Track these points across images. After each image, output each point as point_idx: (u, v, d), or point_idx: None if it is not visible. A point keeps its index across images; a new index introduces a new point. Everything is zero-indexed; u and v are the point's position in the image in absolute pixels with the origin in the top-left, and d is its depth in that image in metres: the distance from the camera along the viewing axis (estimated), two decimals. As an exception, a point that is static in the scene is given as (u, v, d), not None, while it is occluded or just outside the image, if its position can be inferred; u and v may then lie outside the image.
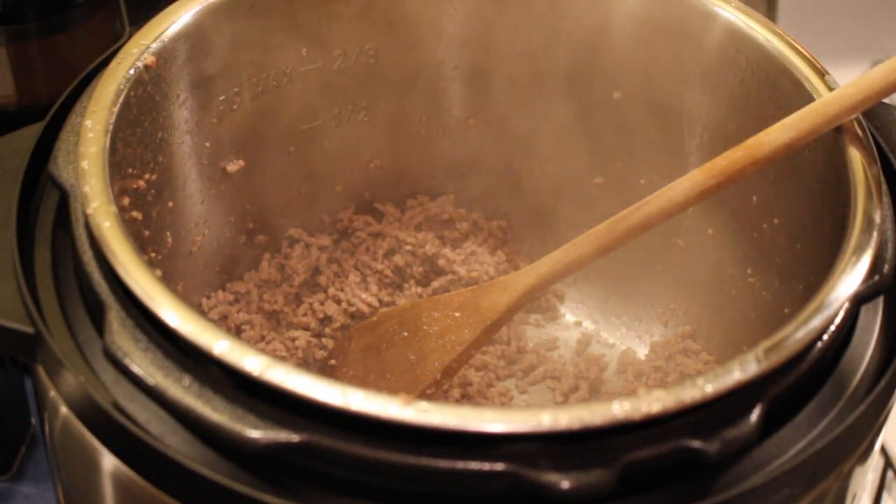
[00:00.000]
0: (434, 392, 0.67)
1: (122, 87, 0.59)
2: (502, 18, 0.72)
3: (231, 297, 0.73)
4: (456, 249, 0.78)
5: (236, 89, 0.68)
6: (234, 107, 0.68)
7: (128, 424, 0.48)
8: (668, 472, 0.47)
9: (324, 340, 0.73)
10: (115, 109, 0.58)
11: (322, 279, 0.76)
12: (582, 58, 0.71)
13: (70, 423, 0.51)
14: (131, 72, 0.60)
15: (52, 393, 0.52)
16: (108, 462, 0.50)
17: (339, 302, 0.75)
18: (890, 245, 0.55)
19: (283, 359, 0.66)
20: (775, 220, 0.65)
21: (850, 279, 0.52)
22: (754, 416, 0.47)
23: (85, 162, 0.54)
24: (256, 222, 0.74)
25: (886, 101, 0.60)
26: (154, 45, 0.61)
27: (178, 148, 0.65)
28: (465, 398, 0.72)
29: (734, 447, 0.47)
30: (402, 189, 0.79)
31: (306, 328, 0.73)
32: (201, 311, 0.71)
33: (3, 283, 0.53)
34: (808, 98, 0.60)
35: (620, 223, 0.62)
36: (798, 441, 0.50)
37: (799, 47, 0.63)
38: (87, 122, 0.56)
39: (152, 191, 0.63)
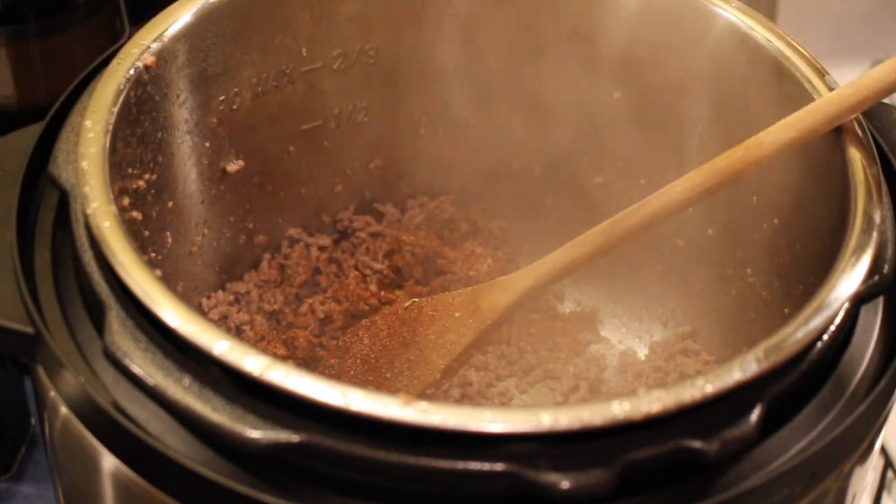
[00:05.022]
0: (434, 392, 0.67)
1: (122, 87, 0.59)
2: (502, 19, 0.72)
3: (231, 297, 0.73)
4: (456, 249, 0.78)
5: (236, 89, 0.68)
6: (234, 107, 0.68)
7: (128, 424, 0.48)
8: (667, 472, 0.47)
9: (324, 340, 0.73)
10: (115, 109, 0.58)
11: (322, 279, 0.76)
12: (582, 58, 0.71)
13: (70, 423, 0.51)
14: (131, 72, 0.60)
15: (52, 393, 0.52)
16: (108, 462, 0.50)
17: (339, 302, 0.75)
18: (890, 245, 0.55)
19: (283, 359, 0.66)
20: (775, 220, 0.65)
21: (850, 279, 0.52)
22: (754, 416, 0.47)
23: (85, 162, 0.54)
24: (256, 222, 0.74)
25: (886, 101, 0.60)
26: (154, 45, 0.61)
27: (178, 148, 0.65)
28: (465, 398, 0.72)
29: (734, 447, 0.47)
30: (402, 189, 0.79)
31: (306, 328, 0.73)
32: (201, 311, 0.71)
33: (3, 283, 0.53)
34: (808, 98, 0.60)
35: (620, 223, 0.62)
36: (798, 441, 0.50)
37: (799, 47, 0.63)
38: (87, 123, 0.56)
39: (152, 191, 0.63)
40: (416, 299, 0.71)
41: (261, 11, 0.67)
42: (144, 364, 0.48)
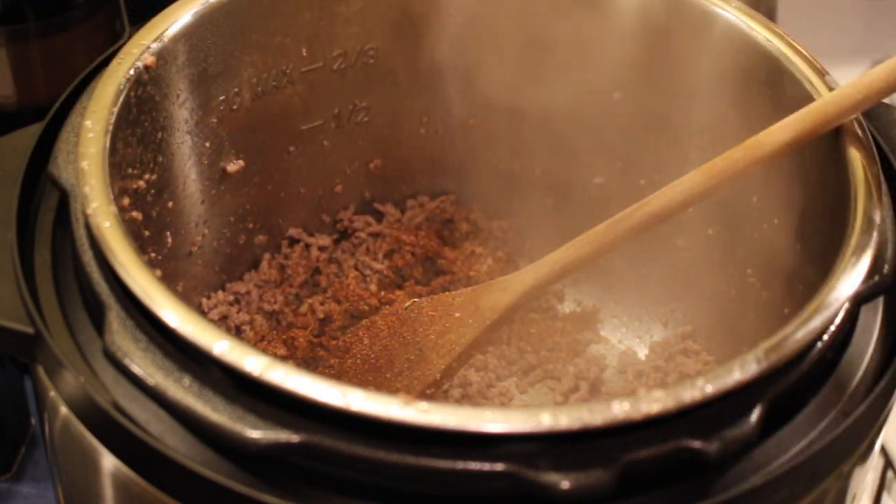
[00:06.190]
0: (434, 392, 0.67)
1: (122, 87, 0.59)
2: (502, 19, 0.72)
3: (231, 297, 0.73)
4: (456, 249, 0.78)
5: (236, 89, 0.68)
6: (234, 107, 0.68)
7: (128, 424, 0.48)
8: (667, 472, 0.47)
9: (324, 340, 0.73)
10: (115, 109, 0.58)
11: (322, 279, 0.76)
12: (582, 58, 0.71)
13: (70, 423, 0.51)
14: (131, 72, 0.60)
15: (52, 393, 0.52)
16: (108, 462, 0.50)
17: (339, 302, 0.75)
18: (890, 245, 0.55)
19: (283, 359, 0.66)
20: (775, 220, 0.65)
21: (850, 279, 0.52)
22: (754, 416, 0.47)
23: (85, 162, 0.54)
24: (256, 222, 0.74)
25: (886, 101, 0.60)
26: (154, 45, 0.61)
27: (178, 148, 0.65)
28: (465, 398, 0.72)
29: (734, 447, 0.47)
30: (402, 189, 0.79)
31: (306, 328, 0.73)
32: (201, 311, 0.71)
33: (3, 283, 0.53)
34: (808, 98, 0.60)
35: (620, 223, 0.62)
36: (798, 441, 0.50)
37: (799, 47, 0.63)
38: (87, 122, 0.56)
39: (152, 191, 0.63)
40: (416, 299, 0.71)
41: (261, 11, 0.67)
42: (144, 364, 0.48)
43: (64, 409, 0.51)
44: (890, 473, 0.82)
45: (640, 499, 0.47)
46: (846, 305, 0.52)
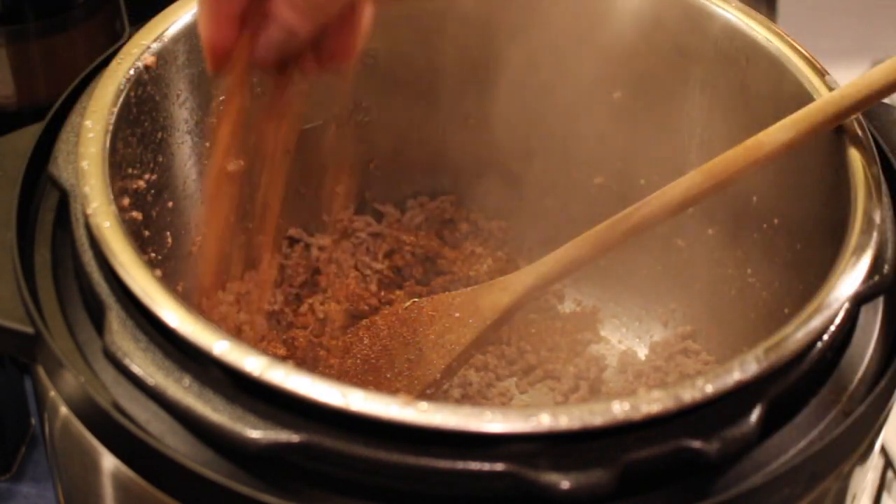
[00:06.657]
0: (434, 392, 0.67)
1: (122, 87, 0.59)
2: (502, 18, 0.72)
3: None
4: (456, 249, 0.78)
5: (236, 89, 0.68)
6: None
7: (128, 424, 0.48)
8: (668, 472, 0.47)
9: (324, 340, 0.73)
10: (115, 109, 0.58)
11: (322, 279, 0.76)
12: (582, 58, 0.71)
13: (70, 423, 0.51)
14: (131, 72, 0.60)
15: (52, 393, 0.52)
16: (108, 462, 0.50)
17: (339, 302, 0.75)
18: (890, 245, 0.55)
19: (283, 359, 0.66)
20: (775, 220, 0.65)
21: (850, 279, 0.52)
22: (754, 416, 0.47)
23: (85, 162, 0.54)
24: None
25: (886, 101, 0.60)
26: (154, 45, 0.61)
27: (178, 148, 0.65)
28: (465, 398, 0.72)
29: (734, 447, 0.47)
30: (402, 189, 0.79)
31: (306, 328, 0.73)
32: (201, 311, 0.71)
33: (3, 283, 0.53)
34: (808, 98, 0.60)
35: (620, 223, 0.62)
36: (798, 441, 0.50)
37: (799, 47, 0.63)
38: (87, 122, 0.56)
39: (152, 191, 0.63)
40: (416, 299, 0.71)
41: (261, 11, 0.67)
42: (144, 364, 0.48)
43: (64, 409, 0.51)
44: (890, 473, 0.82)
45: (640, 499, 0.47)
46: (846, 305, 0.52)
